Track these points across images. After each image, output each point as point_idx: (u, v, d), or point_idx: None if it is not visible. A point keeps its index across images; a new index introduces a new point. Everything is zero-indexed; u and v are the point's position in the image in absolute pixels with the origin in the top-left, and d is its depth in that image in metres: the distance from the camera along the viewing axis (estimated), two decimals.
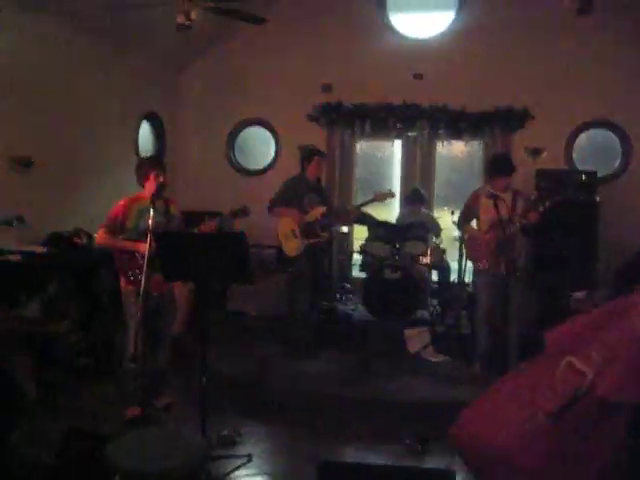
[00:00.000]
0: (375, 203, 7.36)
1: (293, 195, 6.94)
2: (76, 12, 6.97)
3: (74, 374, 5.97)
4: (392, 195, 7.36)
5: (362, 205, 7.42)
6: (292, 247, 6.92)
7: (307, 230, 6.89)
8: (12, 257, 5.98)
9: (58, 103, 7.22)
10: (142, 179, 5.25)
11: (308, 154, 7.15)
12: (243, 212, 5.31)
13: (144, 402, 4.45)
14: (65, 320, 6.15)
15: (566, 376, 3.31)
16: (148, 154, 9.24)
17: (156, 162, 5.40)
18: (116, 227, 5.09)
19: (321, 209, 6.95)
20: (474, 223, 6.68)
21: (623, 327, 3.30)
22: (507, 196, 6.30)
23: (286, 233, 6.93)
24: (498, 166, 6.49)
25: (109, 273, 6.62)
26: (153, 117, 9.33)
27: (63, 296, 6.49)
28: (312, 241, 6.92)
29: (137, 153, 8.82)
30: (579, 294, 5.52)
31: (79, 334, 6.29)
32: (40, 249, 6.47)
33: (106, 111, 8.09)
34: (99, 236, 5.20)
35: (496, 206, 6.08)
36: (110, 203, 5.38)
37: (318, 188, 7.21)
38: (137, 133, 8.93)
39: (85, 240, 7.11)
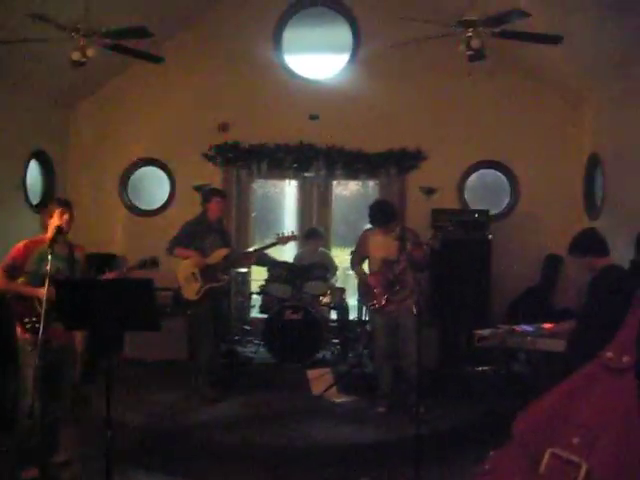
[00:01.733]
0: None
1: (194, 237, 6.78)
2: None
3: None
4: (295, 238, 7.35)
5: (264, 248, 7.36)
6: (192, 290, 6.72)
7: (208, 273, 6.71)
8: None
9: None
10: (46, 218, 4.93)
11: (208, 194, 7.02)
12: (152, 264, 5.08)
13: (41, 460, 4.17)
14: None
15: (556, 469, 3.18)
16: (36, 194, 8.88)
17: (63, 201, 5.02)
18: (14, 270, 4.75)
19: (223, 252, 6.80)
20: (366, 263, 6.71)
21: (594, 403, 3.25)
22: (394, 235, 6.37)
23: (186, 276, 6.73)
24: (375, 218, 6.53)
25: (2, 317, 6.26)
26: (42, 156, 8.95)
27: None
28: (213, 285, 6.76)
29: (25, 194, 8.44)
30: (483, 332, 5.61)
31: None
32: None
33: None
34: None
35: (384, 246, 6.29)
36: None
37: (220, 229, 7.04)
38: (25, 173, 8.52)
39: None
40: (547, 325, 5.68)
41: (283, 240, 7.16)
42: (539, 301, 8.52)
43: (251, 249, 8.13)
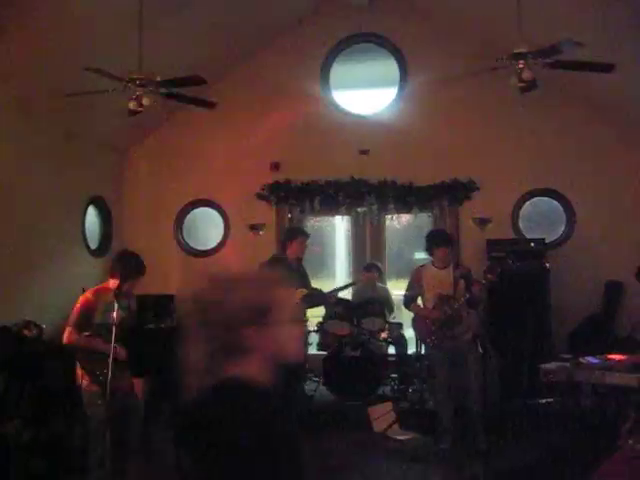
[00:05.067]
0: (321, 279, 7.22)
1: None
2: (23, 98, 6.89)
3: (28, 476, 5.61)
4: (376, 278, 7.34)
5: (341, 289, 7.22)
6: None
7: None
8: None
9: (0, 190, 7.00)
10: (118, 275, 4.92)
11: (292, 233, 6.95)
12: None
13: None
14: (15, 418, 5.85)
15: None
16: (95, 239, 9.07)
17: (141, 268, 5.13)
18: (86, 323, 4.78)
19: (301, 292, 6.62)
20: (420, 300, 6.67)
21: None
22: (448, 271, 6.36)
23: None
24: (433, 239, 6.54)
25: (61, 366, 6.36)
26: (99, 202, 9.16)
27: (12, 392, 6.19)
28: None
29: (84, 239, 8.63)
30: (549, 366, 5.51)
31: (31, 432, 5.94)
32: None
33: (51, 197, 7.89)
34: (69, 335, 4.82)
35: (439, 281, 6.27)
36: (59, 292, 5.14)
37: (298, 269, 6.89)
38: (83, 218, 8.75)
39: (35, 332, 6.83)
40: (613, 356, 5.56)
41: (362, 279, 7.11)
42: (600, 329, 8.35)
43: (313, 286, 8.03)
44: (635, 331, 7.61)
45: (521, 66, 5.81)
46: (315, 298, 7.11)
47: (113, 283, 4.92)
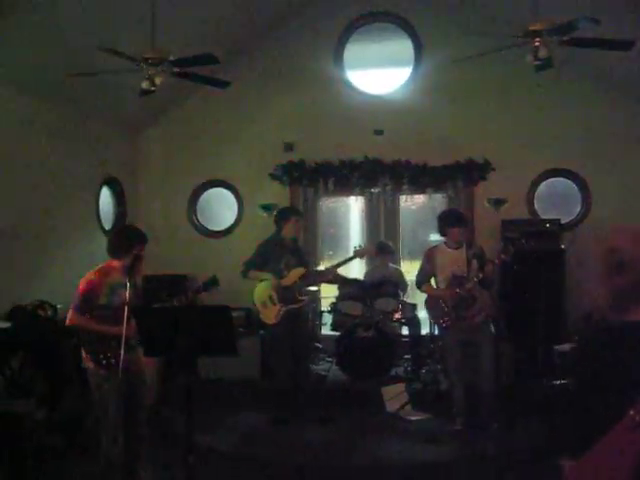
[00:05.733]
0: (334, 260, 7.21)
1: (268, 258, 6.70)
2: (36, 78, 6.89)
3: (43, 454, 5.65)
4: (372, 250, 7.30)
5: (341, 264, 7.17)
6: (271, 314, 6.61)
7: (285, 295, 6.61)
8: None
9: (15, 171, 7.03)
10: (123, 251, 4.74)
11: (286, 214, 6.95)
12: (213, 283, 5.05)
13: None
14: (30, 397, 5.89)
15: None
16: (109, 220, 9.09)
17: (143, 236, 4.89)
18: (89, 306, 4.63)
19: (299, 272, 6.68)
20: (432, 281, 6.62)
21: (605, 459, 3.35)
22: (461, 251, 6.31)
23: (263, 300, 6.63)
24: (447, 218, 6.50)
25: (74, 345, 6.40)
26: (113, 182, 9.17)
27: (27, 371, 6.25)
28: (292, 306, 6.64)
29: (98, 219, 8.65)
30: (564, 347, 5.48)
31: (46, 411, 5.99)
32: (3, 324, 6.24)
33: (65, 178, 7.92)
34: (72, 318, 4.68)
35: (452, 261, 6.23)
36: (73, 272, 5.13)
37: (294, 249, 6.91)
38: (98, 199, 8.77)
39: (49, 312, 6.88)
40: None
41: (360, 253, 7.07)
42: None
43: (326, 266, 8.00)
44: None
45: (537, 44, 5.72)
46: (314, 276, 7.13)
47: (117, 263, 4.78)
